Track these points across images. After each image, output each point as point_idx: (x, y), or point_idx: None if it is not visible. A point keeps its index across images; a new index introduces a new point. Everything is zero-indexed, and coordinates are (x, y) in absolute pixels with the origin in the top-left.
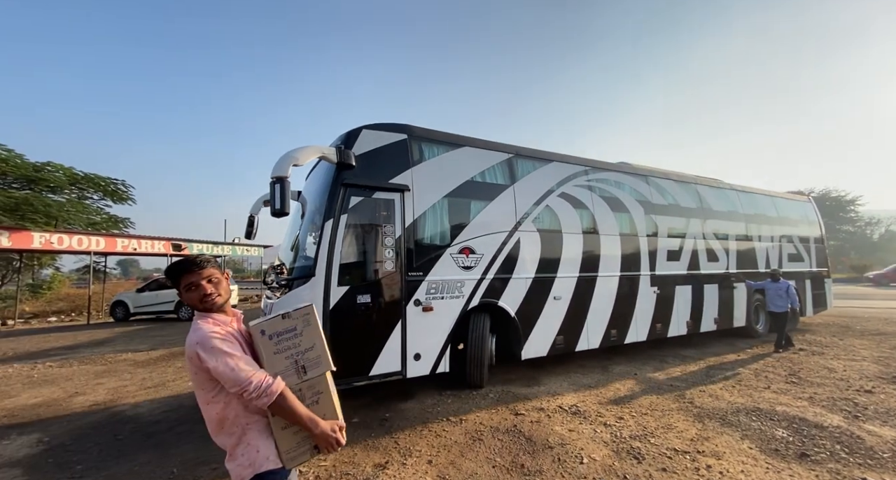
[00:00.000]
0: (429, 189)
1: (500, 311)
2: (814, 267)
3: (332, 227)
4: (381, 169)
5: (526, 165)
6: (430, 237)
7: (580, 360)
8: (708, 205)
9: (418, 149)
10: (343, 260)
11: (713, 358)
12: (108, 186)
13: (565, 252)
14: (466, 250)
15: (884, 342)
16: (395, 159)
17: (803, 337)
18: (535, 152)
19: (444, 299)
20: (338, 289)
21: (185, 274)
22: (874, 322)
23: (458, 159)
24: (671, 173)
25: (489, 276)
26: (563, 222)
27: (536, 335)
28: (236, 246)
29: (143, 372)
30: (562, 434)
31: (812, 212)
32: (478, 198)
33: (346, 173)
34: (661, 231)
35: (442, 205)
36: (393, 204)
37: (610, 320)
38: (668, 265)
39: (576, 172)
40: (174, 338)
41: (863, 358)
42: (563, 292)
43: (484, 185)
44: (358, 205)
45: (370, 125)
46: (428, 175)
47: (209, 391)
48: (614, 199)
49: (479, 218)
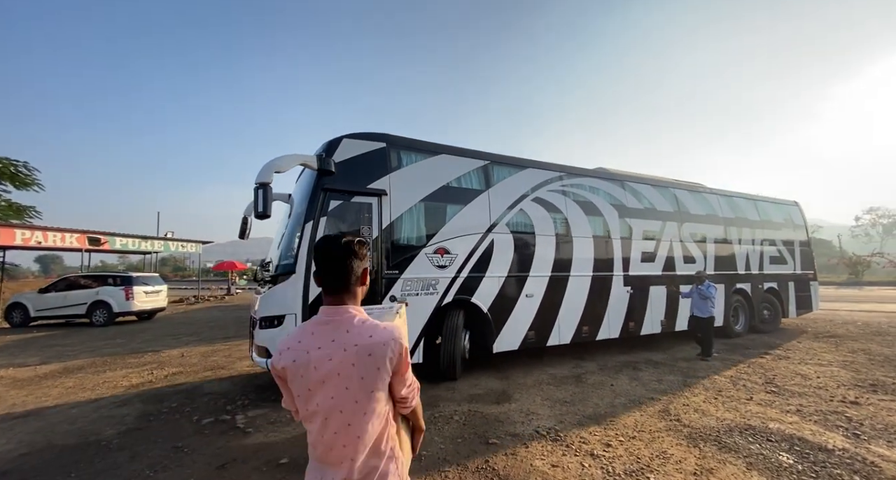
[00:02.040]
0: (406, 193)
1: (473, 308)
2: (798, 270)
3: (312, 228)
4: (360, 175)
5: (501, 171)
6: (407, 238)
7: (551, 369)
8: (685, 209)
9: (396, 157)
10: None
11: (684, 363)
12: (7, 168)
13: (538, 253)
14: (441, 250)
15: (840, 344)
16: (373, 166)
17: (762, 339)
18: (511, 159)
19: (419, 295)
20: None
21: None
22: (822, 323)
23: (435, 166)
24: (648, 178)
25: (463, 275)
26: (537, 225)
27: (508, 330)
28: (169, 242)
29: (16, 396)
30: (544, 471)
31: (798, 215)
32: (453, 202)
33: (327, 179)
34: (636, 233)
35: (418, 209)
36: (371, 207)
37: (582, 317)
38: (643, 266)
39: (551, 178)
40: (76, 349)
41: (829, 362)
42: (535, 290)
43: (459, 190)
44: (337, 208)
45: (351, 134)
46: (405, 180)
47: (382, 401)
48: (588, 203)
49: (455, 220)
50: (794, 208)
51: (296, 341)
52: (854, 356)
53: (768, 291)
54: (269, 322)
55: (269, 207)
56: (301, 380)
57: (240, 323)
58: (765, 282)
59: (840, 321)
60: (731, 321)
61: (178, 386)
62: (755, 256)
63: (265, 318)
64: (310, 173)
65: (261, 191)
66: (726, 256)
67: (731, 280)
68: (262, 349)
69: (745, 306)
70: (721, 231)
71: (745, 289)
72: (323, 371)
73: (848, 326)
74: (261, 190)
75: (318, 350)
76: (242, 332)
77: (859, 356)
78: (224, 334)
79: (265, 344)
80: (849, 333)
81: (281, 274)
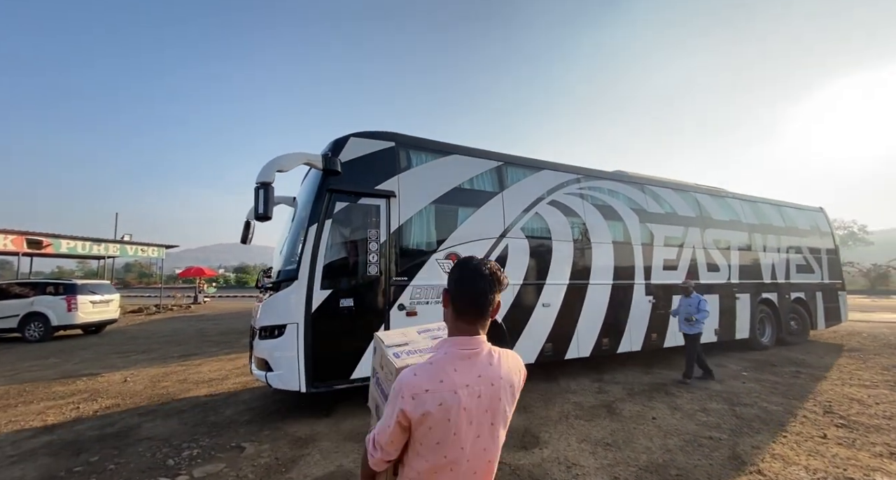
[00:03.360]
0: (416, 195)
1: None
2: (826, 280)
3: (316, 231)
4: (367, 175)
5: (516, 173)
6: (416, 242)
7: (572, 395)
8: (707, 214)
9: (406, 157)
10: (327, 263)
11: (717, 385)
12: None
13: (555, 259)
14: (453, 256)
15: (867, 359)
16: (382, 166)
17: (784, 354)
18: (525, 160)
19: (430, 304)
20: (321, 293)
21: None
22: (828, 334)
23: (447, 166)
24: (669, 181)
25: None
26: (554, 230)
27: (524, 342)
28: (127, 246)
29: None
30: None
31: (824, 222)
32: (465, 205)
33: (332, 179)
34: (657, 240)
35: (429, 212)
36: (379, 209)
37: (602, 329)
38: (665, 274)
39: (567, 180)
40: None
41: (872, 383)
42: (552, 299)
43: (472, 192)
44: (343, 210)
45: (358, 133)
46: (415, 181)
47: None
48: (607, 207)
49: (467, 224)
50: (819, 214)
51: (436, 381)
52: (891, 374)
53: (795, 301)
54: (270, 332)
55: (270, 208)
56: (447, 426)
57: (203, 336)
58: (792, 292)
59: (844, 332)
60: (758, 333)
61: (108, 426)
62: (781, 264)
63: (265, 328)
64: (315, 174)
65: (262, 190)
66: (751, 264)
67: (756, 289)
68: (262, 361)
69: (771, 317)
70: (745, 237)
71: (772, 299)
72: (473, 411)
73: (856, 338)
74: (262, 190)
75: (466, 387)
76: (206, 348)
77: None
78: (183, 351)
79: (265, 356)
80: (863, 346)
81: (283, 280)
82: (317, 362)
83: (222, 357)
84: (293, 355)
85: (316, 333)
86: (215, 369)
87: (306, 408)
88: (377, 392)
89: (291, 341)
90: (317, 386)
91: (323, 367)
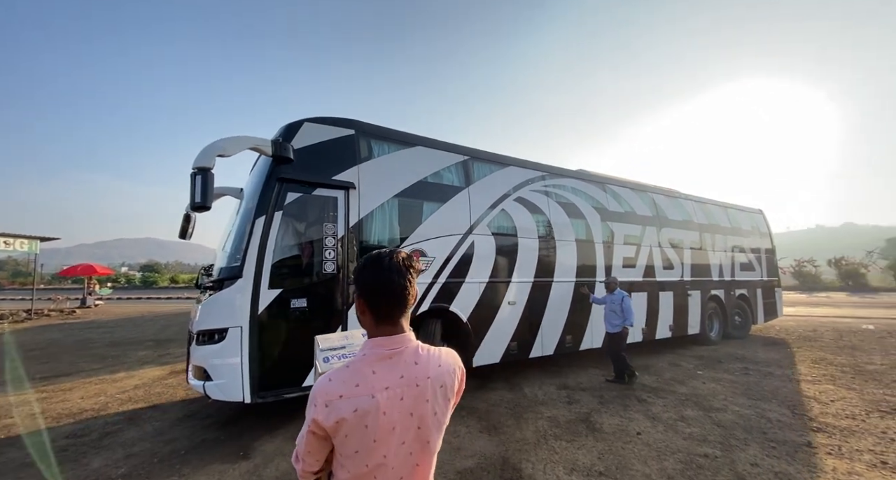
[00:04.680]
0: (377, 187)
1: (451, 317)
2: (765, 277)
3: (264, 224)
4: (324, 164)
5: (482, 168)
6: (378, 238)
7: (544, 407)
8: (664, 214)
9: (367, 146)
10: (276, 260)
11: (679, 385)
12: None
13: (521, 256)
14: (417, 253)
15: (796, 353)
16: (340, 155)
17: (724, 350)
18: (492, 155)
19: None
20: (269, 292)
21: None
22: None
23: (411, 158)
24: (628, 181)
25: (441, 280)
26: (519, 226)
27: (489, 341)
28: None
29: None
30: None
31: (763, 223)
32: (431, 200)
33: (284, 167)
34: (618, 238)
35: (391, 205)
36: (336, 202)
37: (565, 326)
38: (624, 272)
39: (533, 177)
40: None
41: (813, 378)
42: (518, 297)
43: (437, 187)
44: (295, 201)
45: (313, 118)
46: (377, 173)
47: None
48: (571, 205)
49: (432, 219)
50: (759, 216)
51: (352, 385)
52: (823, 368)
53: (740, 298)
54: (209, 336)
55: (208, 197)
56: (364, 433)
57: (85, 349)
58: (736, 289)
59: (756, 327)
60: (707, 328)
61: None
62: (727, 263)
63: (204, 332)
64: (265, 162)
65: (199, 177)
66: (702, 263)
67: (706, 286)
68: (199, 370)
69: (719, 313)
70: (697, 237)
71: (720, 296)
72: (395, 415)
73: (771, 332)
74: (199, 176)
75: (385, 391)
76: (85, 365)
77: (828, 368)
78: (50, 370)
79: (203, 363)
80: (784, 340)
81: (225, 279)
82: (263, 369)
83: (105, 377)
84: (236, 362)
85: (263, 337)
86: (92, 394)
87: (217, 447)
88: None
89: (234, 346)
90: (263, 396)
91: (271, 374)
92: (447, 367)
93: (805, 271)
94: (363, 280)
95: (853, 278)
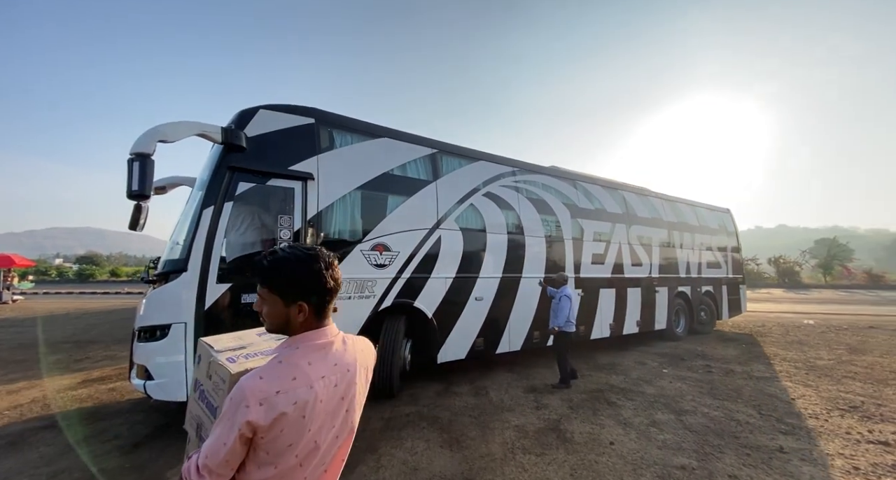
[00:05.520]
0: (338, 179)
1: (416, 313)
2: (730, 274)
3: (213, 215)
4: (280, 154)
5: (451, 162)
6: (339, 231)
7: (510, 414)
8: (633, 212)
9: (328, 136)
10: (225, 253)
11: (647, 386)
12: None
13: (489, 252)
14: (380, 247)
15: (749, 350)
16: (298, 144)
17: (685, 346)
18: (461, 150)
19: (352, 299)
20: (217, 287)
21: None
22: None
23: (376, 150)
24: (599, 179)
25: (405, 275)
26: (488, 222)
27: (455, 337)
28: None
29: None
30: None
31: (730, 222)
32: (396, 193)
33: (235, 156)
34: (587, 234)
35: (353, 198)
36: (293, 193)
37: (533, 322)
38: (593, 268)
39: (503, 172)
40: None
41: (770, 375)
42: (485, 293)
43: (403, 179)
44: (248, 191)
45: (269, 105)
46: (338, 164)
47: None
48: (541, 201)
49: (397, 213)
50: (727, 215)
51: (288, 379)
52: (778, 364)
53: (705, 294)
54: (151, 333)
55: (146, 186)
56: (302, 424)
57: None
58: (702, 286)
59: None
60: (673, 324)
61: None
62: (695, 260)
63: (145, 329)
64: (217, 150)
65: (136, 163)
66: (670, 260)
67: (674, 283)
68: (141, 368)
69: (685, 309)
70: (665, 235)
71: (686, 293)
72: (332, 402)
73: (725, 327)
74: (137, 162)
75: (322, 379)
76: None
77: (782, 364)
78: None
79: (144, 362)
80: (735, 336)
81: (170, 272)
82: None
83: (0, 388)
84: (179, 360)
85: (209, 333)
86: None
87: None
88: (201, 408)
89: (177, 343)
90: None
91: None
92: (369, 351)
93: (748, 269)
94: (310, 280)
95: (789, 275)
